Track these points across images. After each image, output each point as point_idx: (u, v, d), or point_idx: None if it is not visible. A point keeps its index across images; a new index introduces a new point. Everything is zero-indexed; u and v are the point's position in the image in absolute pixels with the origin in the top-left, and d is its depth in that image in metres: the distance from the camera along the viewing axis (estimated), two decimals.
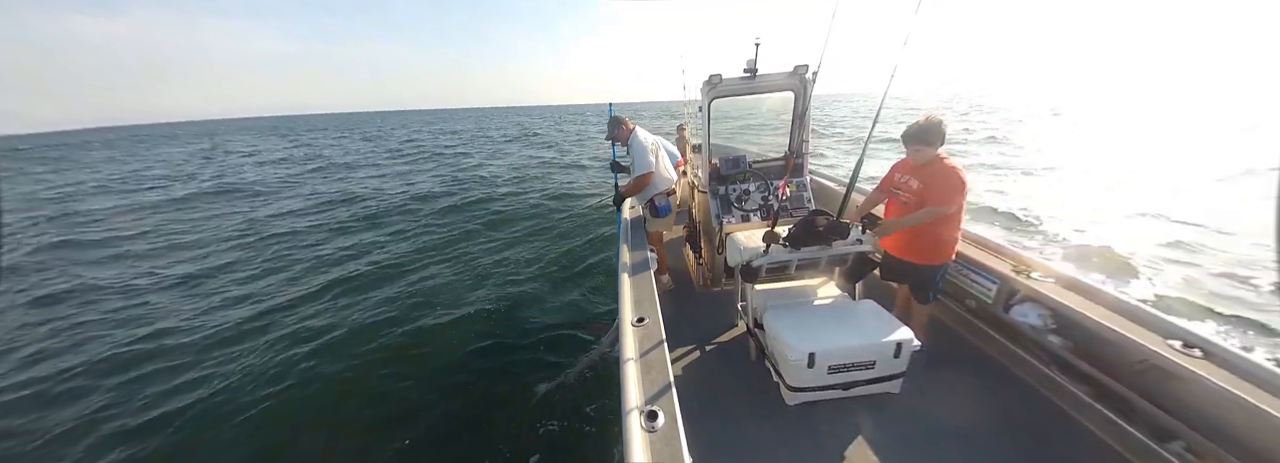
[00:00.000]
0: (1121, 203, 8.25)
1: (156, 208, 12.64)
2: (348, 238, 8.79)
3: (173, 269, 7.43)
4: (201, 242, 9.03)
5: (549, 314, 5.35)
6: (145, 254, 8.46)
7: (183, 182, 17.47)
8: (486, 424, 3.63)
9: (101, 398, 4.11)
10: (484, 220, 9.63)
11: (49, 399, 4.14)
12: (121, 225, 10.66)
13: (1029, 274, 2.49)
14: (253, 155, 27.16)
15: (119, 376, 4.44)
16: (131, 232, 10.01)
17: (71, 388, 4.27)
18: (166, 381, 4.32)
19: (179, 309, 5.88)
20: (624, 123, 3.60)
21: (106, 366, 4.61)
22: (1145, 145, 14.83)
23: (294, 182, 16.14)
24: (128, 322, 5.55)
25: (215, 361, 4.58)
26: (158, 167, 23.79)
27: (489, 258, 7.33)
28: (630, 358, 1.79)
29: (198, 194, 14.24)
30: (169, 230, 10.08)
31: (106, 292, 6.57)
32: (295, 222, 10.26)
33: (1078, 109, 30.35)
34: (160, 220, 11.09)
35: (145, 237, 9.58)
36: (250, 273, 7.13)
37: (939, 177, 2.33)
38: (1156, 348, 1.85)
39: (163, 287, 6.71)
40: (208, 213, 11.73)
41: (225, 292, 6.41)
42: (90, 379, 4.40)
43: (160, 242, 9.18)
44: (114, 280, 6.99)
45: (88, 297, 6.42)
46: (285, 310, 5.65)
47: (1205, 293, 4.90)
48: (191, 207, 12.61)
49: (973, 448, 2.09)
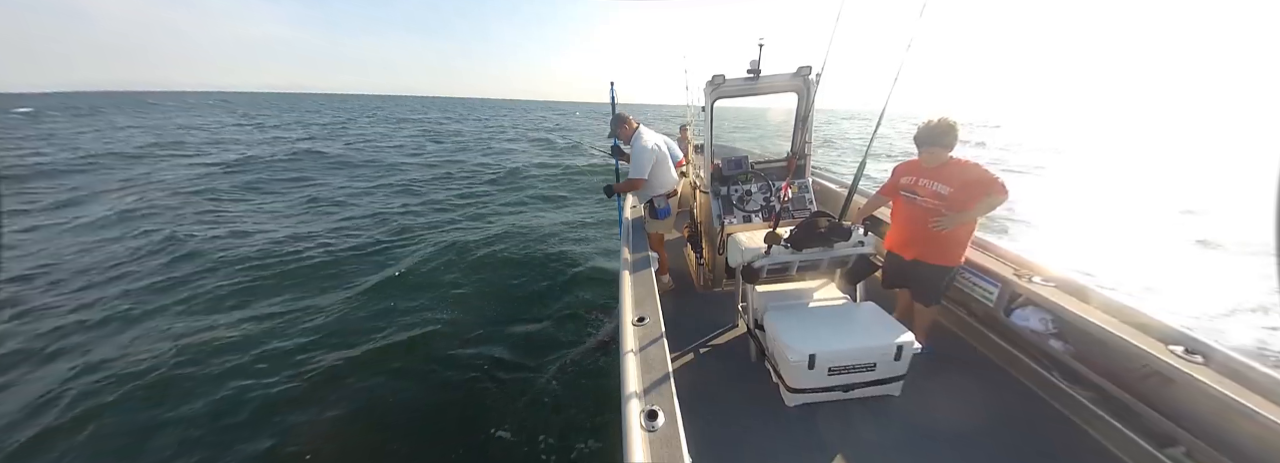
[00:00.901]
0: (1122, 203, 8.26)
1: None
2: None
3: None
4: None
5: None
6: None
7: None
8: (483, 418, 3.64)
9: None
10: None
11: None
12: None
13: (1030, 278, 2.48)
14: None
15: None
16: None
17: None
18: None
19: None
20: (627, 121, 3.58)
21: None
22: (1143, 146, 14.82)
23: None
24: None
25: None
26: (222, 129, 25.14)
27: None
28: (630, 357, 1.79)
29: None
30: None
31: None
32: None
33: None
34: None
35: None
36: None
37: (971, 173, 2.32)
38: (1158, 353, 1.85)
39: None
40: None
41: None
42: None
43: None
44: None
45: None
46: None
47: (1211, 297, 4.90)
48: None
49: (972, 452, 2.09)
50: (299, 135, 25.13)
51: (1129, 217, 7.80)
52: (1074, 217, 7.82)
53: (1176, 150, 12.43)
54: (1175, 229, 6.96)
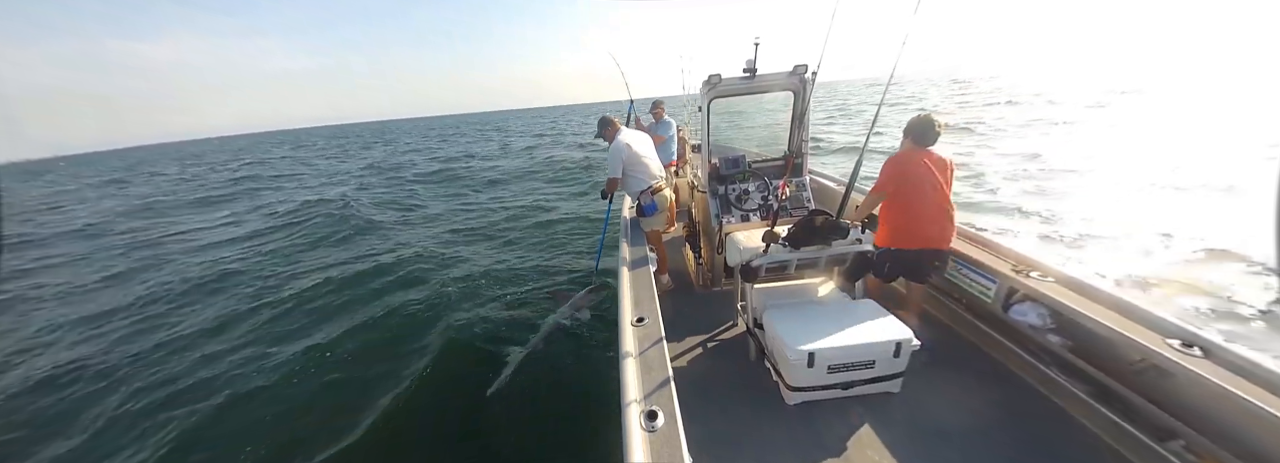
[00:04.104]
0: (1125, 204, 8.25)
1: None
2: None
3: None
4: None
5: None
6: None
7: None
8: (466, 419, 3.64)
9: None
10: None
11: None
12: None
13: (1028, 273, 2.49)
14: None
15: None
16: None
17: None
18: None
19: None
20: (612, 124, 3.71)
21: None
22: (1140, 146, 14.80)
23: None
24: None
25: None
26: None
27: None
28: (630, 357, 1.80)
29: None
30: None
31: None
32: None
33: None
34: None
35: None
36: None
37: (943, 157, 2.64)
38: (1156, 347, 1.85)
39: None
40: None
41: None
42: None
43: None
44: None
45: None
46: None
47: (1203, 290, 4.89)
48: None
49: (972, 448, 2.09)
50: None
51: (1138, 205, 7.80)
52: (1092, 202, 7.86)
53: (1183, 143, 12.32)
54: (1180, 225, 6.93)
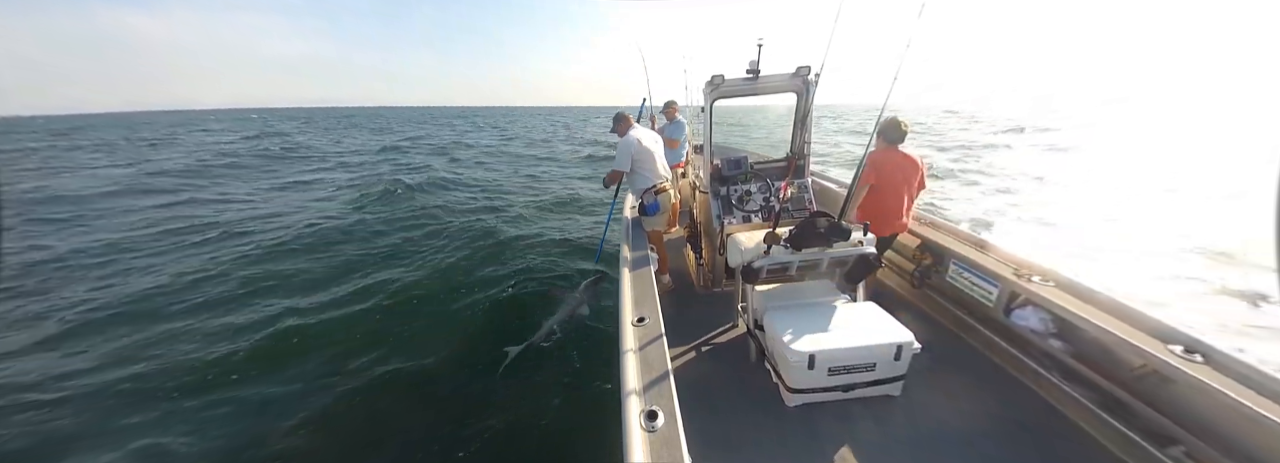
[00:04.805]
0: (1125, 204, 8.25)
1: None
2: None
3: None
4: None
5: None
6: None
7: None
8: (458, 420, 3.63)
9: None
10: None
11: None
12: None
13: (1030, 278, 2.49)
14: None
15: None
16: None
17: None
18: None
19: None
20: (625, 119, 3.73)
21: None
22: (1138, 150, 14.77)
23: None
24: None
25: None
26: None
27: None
28: (630, 357, 1.79)
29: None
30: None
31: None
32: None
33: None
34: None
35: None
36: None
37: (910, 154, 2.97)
38: (1157, 353, 1.84)
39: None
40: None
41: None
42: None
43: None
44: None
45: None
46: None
47: (1206, 296, 4.88)
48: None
49: (972, 451, 2.09)
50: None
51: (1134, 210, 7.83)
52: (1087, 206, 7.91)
53: (1180, 146, 12.32)
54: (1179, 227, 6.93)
